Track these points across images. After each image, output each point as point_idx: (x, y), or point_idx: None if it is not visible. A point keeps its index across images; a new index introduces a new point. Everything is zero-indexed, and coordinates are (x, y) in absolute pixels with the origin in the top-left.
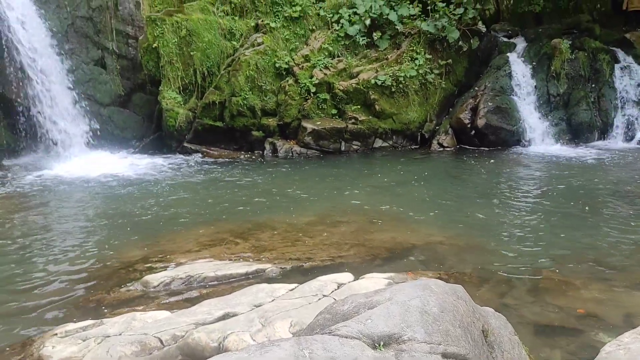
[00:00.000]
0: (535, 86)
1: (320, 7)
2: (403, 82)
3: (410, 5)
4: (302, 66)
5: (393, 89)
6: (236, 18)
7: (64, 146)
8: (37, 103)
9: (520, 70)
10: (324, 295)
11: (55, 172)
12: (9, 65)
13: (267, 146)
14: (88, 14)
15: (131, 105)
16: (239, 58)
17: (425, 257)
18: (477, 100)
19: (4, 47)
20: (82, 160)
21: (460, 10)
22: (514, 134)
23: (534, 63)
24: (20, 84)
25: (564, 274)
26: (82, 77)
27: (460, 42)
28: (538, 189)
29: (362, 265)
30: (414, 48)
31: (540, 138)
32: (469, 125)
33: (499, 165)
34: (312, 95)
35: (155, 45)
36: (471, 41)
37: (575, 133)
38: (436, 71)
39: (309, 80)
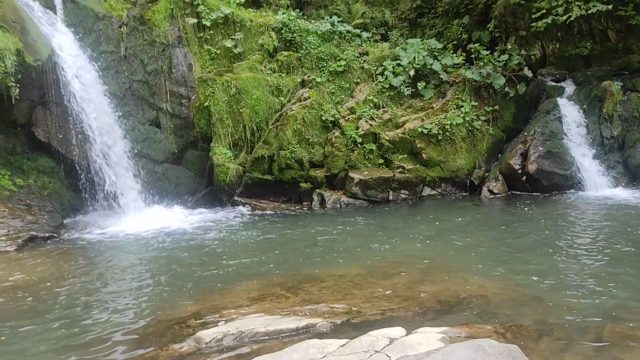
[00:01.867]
0: (588, 129)
1: (364, 61)
2: (449, 129)
3: (454, 55)
4: (348, 118)
5: (440, 137)
6: (283, 75)
7: (121, 203)
8: (96, 163)
9: (570, 113)
10: (376, 351)
11: (112, 229)
12: (71, 127)
13: (315, 197)
14: (144, 78)
15: (184, 162)
16: (287, 113)
17: (479, 309)
18: (527, 146)
19: (68, 111)
20: (138, 216)
21: (505, 57)
22: (568, 179)
23: (585, 106)
24: (82, 145)
25: (630, 326)
26: (139, 137)
27: (507, 88)
28: (597, 235)
29: (414, 319)
30: (460, 96)
31: (596, 182)
32: (519, 171)
33: (554, 211)
34: (358, 146)
35: (206, 104)
36: (517, 87)
37: (633, 175)
38: (483, 118)
39: (355, 131)
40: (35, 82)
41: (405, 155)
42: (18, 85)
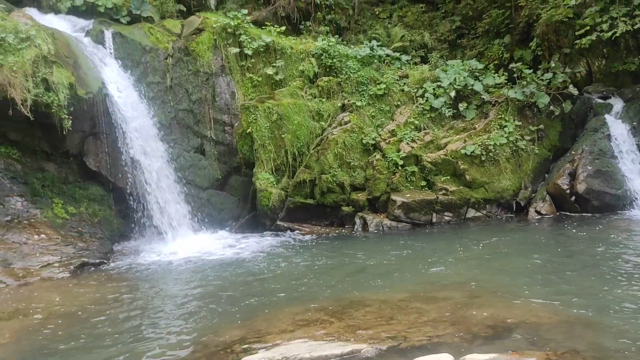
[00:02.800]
0: (638, 147)
1: (404, 83)
2: (493, 150)
3: (496, 75)
4: (389, 141)
5: (483, 158)
6: (323, 100)
7: (168, 230)
8: (144, 190)
9: (619, 131)
10: None
11: (159, 255)
12: (120, 156)
13: (358, 221)
14: (189, 107)
15: (228, 188)
16: (327, 137)
17: (530, 334)
18: (575, 165)
19: (117, 141)
20: (184, 242)
21: (549, 75)
22: (619, 198)
23: (635, 123)
24: (130, 173)
25: None
26: (184, 164)
27: (552, 107)
28: None
29: (462, 345)
30: (502, 116)
31: None
32: (568, 191)
33: (606, 232)
34: (400, 168)
35: (249, 130)
36: (563, 105)
37: None
38: (527, 137)
39: (396, 154)
40: (86, 113)
41: (448, 177)
42: (71, 117)
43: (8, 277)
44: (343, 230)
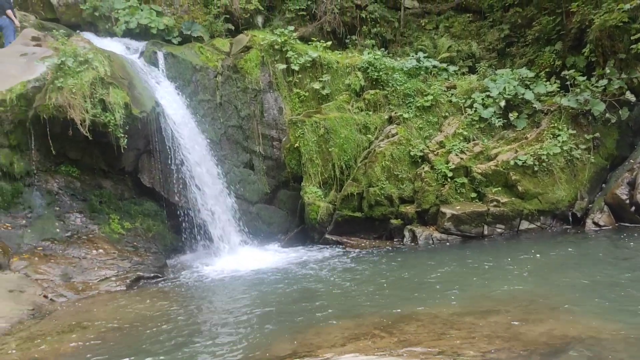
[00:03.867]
0: None
1: (452, 94)
2: (546, 160)
3: (547, 83)
4: (437, 152)
5: (536, 168)
6: (370, 113)
7: (219, 244)
8: (196, 205)
9: None
10: None
11: (211, 269)
12: (173, 173)
13: (407, 234)
14: (238, 123)
15: (276, 202)
16: (375, 150)
17: (591, 352)
18: (635, 174)
19: (170, 158)
20: (234, 256)
21: (604, 82)
22: None
23: None
24: (182, 189)
25: None
26: (234, 179)
27: (608, 114)
28: None
29: None
30: (555, 124)
31: None
32: (627, 201)
33: None
34: (449, 180)
35: (296, 145)
36: (620, 112)
37: None
38: (582, 146)
39: (445, 165)
40: (140, 132)
41: (500, 188)
42: (126, 135)
43: (69, 290)
44: (392, 243)
